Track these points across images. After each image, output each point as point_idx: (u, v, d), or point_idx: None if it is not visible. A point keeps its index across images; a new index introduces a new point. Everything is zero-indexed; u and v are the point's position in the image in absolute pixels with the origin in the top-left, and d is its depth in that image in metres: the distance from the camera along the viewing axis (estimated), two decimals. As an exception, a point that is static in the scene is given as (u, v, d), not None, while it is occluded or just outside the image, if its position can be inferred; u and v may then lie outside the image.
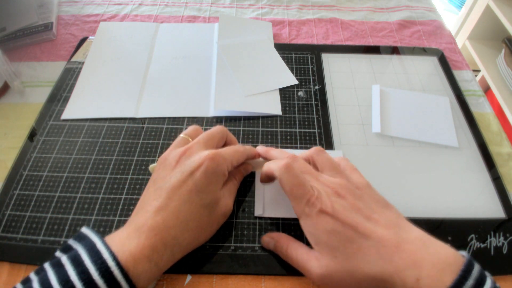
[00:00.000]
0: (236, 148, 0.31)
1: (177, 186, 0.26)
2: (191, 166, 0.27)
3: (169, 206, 0.26)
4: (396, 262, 0.23)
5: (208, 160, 0.27)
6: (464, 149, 0.39)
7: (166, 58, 0.48)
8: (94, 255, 0.22)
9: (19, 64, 0.47)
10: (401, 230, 0.25)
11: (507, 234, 0.32)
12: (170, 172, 0.28)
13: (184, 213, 0.26)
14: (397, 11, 0.58)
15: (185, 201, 0.26)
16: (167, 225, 0.25)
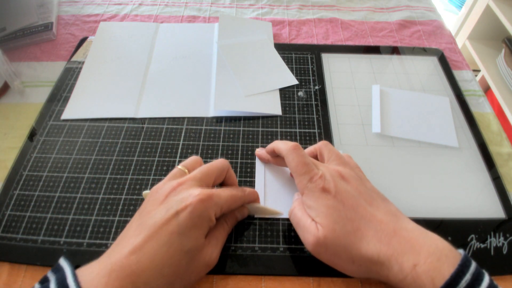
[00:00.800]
0: (233, 193, 0.29)
1: (159, 225, 0.24)
2: (178, 205, 0.25)
3: (146, 247, 0.24)
4: (394, 246, 0.23)
5: (196, 202, 0.25)
6: (464, 149, 0.39)
7: (166, 58, 0.48)
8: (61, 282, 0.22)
9: (19, 64, 0.47)
10: (400, 220, 0.26)
11: (507, 234, 0.32)
12: (157, 207, 0.26)
13: (160, 257, 0.24)
14: (397, 11, 0.58)
15: (164, 243, 0.24)
16: (140, 267, 0.23)
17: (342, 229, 0.25)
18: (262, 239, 0.31)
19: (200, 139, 0.39)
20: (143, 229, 0.24)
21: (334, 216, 0.25)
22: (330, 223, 0.25)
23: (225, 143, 0.38)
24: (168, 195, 0.26)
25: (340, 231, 0.25)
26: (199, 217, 0.25)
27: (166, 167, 0.36)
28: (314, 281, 0.29)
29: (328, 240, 0.25)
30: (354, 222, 0.25)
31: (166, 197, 0.26)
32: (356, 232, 0.25)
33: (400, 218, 0.26)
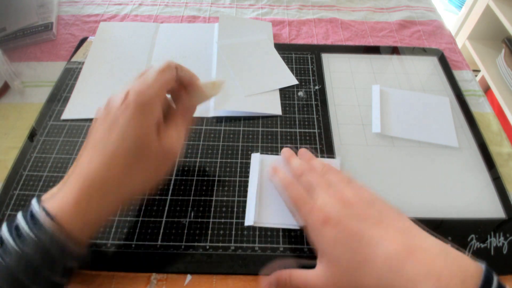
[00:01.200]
0: (149, 78, 0.27)
1: (100, 137, 0.25)
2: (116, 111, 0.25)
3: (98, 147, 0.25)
4: (408, 273, 0.21)
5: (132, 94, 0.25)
6: (464, 149, 0.39)
7: (166, 58, 0.47)
8: (25, 211, 0.23)
9: (19, 64, 0.47)
10: (415, 237, 0.23)
11: (507, 234, 0.32)
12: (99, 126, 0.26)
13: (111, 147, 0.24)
14: (397, 11, 0.58)
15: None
16: (93, 167, 0.24)
17: (346, 265, 0.23)
18: (262, 239, 0.31)
19: (200, 139, 0.39)
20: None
21: (338, 251, 0.23)
22: (335, 260, 0.24)
23: (225, 143, 0.38)
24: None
25: (344, 268, 0.23)
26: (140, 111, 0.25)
27: (166, 167, 0.36)
28: (314, 281, 0.29)
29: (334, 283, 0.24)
30: (359, 253, 0.23)
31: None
32: (363, 265, 0.22)
33: (414, 235, 0.23)
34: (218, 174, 0.36)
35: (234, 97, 0.42)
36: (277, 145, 0.38)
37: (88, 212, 0.24)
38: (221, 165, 0.36)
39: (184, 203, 0.33)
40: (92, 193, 0.24)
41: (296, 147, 0.38)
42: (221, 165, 0.36)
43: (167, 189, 0.34)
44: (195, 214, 0.33)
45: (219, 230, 0.32)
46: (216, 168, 0.36)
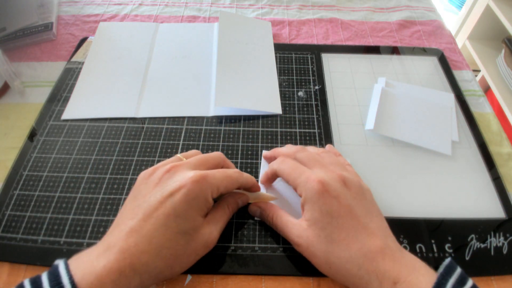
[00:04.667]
0: (228, 174, 0.28)
1: (155, 207, 0.24)
2: (172, 186, 0.25)
3: (143, 229, 0.24)
4: (377, 263, 0.24)
5: (191, 183, 0.25)
6: (464, 149, 0.39)
7: (166, 58, 0.48)
8: (53, 279, 0.21)
9: (19, 64, 0.47)
10: (387, 238, 0.26)
11: (507, 234, 0.32)
12: (151, 190, 0.26)
13: (158, 239, 0.24)
14: (397, 11, 0.58)
15: (161, 225, 0.24)
16: (138, 250, 0.23)
17: (326, 237, 0.25)
18: (262, 239, 0.31)
19: (200, 139, 0.39)
20: (139, 212, 0.25)
21: (324, 222, 0.25)
22: (317, 228, 0.26)
23: (225, 143, 0.38)
24: (162, 178, 0.26)
25: (324, 238, 0.25)
26: (194, 198, 0.25)
27: (166, 167, 0.36)
28: (314, 281, 0.29)
29: (309, 241, 0.26)
30: (343, 231, 0.25)
31: (160, 180, 0.26)
32: (341, 242, 0.25)
33: (388, 236, 0.26)
34: (218, 174, 0.36)
35: (235, 94, 0.42)
36: (277, 145, 0.38)
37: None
38: (221, 165, 0.36)
39: (184, 203, 0.33)
40: (132, 279, 0.23)
41: (296, 147, 0.38)
42: (221, 165, 0.36)
43: (167, 189, 0.34)
44: (195, 214, 0.33)
45: (219, 230, 0.32)
46: (216, 168, 0.36)
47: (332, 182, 0.27)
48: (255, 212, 0.31)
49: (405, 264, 0.24)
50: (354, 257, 0.24)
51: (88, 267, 0.22)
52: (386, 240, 0.25)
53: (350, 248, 0.25)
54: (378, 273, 0.23)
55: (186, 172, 0.26)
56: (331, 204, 0.26)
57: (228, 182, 0.28)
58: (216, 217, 0.28)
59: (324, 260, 0.25)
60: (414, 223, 0.33)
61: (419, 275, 0.23)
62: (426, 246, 0.31)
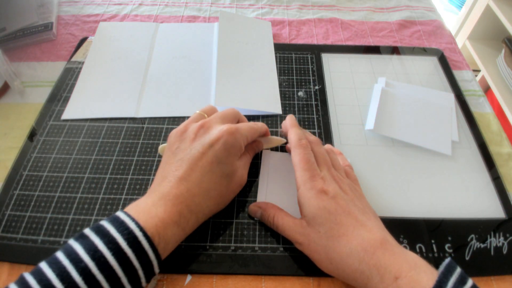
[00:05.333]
0: (251, 125, 0.32)
1: (198, 157, 0.28)
2: (210, 138, 0.29)
3: (192, 176, 0.27)
4: (377, 257, 0.24)
5: (227, 134, 0.29)
6: (464, 149, 0.39)
7: (166, 58, 0.48)
8: (119, 226, 0.23)
9: (19, 64, 0.47)
10: (387, 235, 0.26)
11: (507, 234, 0.32)
12: (190, 144, 0.29)
13: (206, 183, 0.27)
14: (397, 11, 0.58)
15: (207, 172, 0.28)
16: (191, 194, 0.26)
17: (326, 232, 0.26)
18: (262, 239, 0.31)
19: (200, 139, 0.39)
20: (183, 163, 0.28)
21: (323, 218, 0.26)
22: (316, 224, 0.26)
23: (225, 143, 0.38)
24: (198, 133, 0.30)
25: (324, 233, 0.26)
26: (232, 146, 0.29)
27: (166, 167, 0.36)
28: (314, 281, 0.29)
29: (309, 238, 0.26)
30: (342, 227, 0.25)
31: (196, 134, 0.30)
32: (341, 237, 0.25)
33: (387, 234, 0.26)
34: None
35: (235, 94, 0.42)
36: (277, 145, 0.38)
37: (182, 234, 0.26)
38: (221, 165, 0.36)
39: (184, 203, 0.33)
40: (190, 218, 0.26)
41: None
42: (221, 165, 0.36)
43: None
44: (195, 214, 0.33)
45: (219, 230, 0.32)
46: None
47: (331, 184, 0.28)
48: (255, 213, 0.32)
49: (406, 259, 0.24)
50: (354, 251, 0.24)
51: (148, 212, 0.24)
52: (385, 235, 0.26)
53: (350, 242, 0.25)
54: (379, 268, 0.23)
55: (219, 126, 0.30)
56: (328, 202, 0.26)
57: (253, 132, 0.32)
58: (244, 161, 0.32)
59: (325, 256, 0.26)
60: (414, 223, 0.33)
61: (420, 271, 0.23)
62: (426, 246, 0.31)
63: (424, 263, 0.24)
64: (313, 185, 0.27)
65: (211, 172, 0.28)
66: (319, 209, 0.26)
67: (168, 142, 0.31)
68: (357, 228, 0.25)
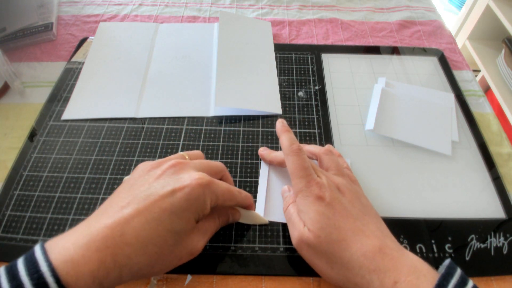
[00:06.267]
0: (231, 188, 0.28)
1: (153, 200, 0.23)
2: (175, 183, 0.25)
3: (134, 220, 0.22)
4: (377, 262, 0.24)
5: (196, 184, 0.25)
6: (464, 149, 0.39)
7: (166, 58, 0.48)
8: (31, 267, 0.20)
9: (19, 64, 0.47)
10: (387, 237, 0.26)
11: (507, 234, 0.32)
12: (152, 181, 0.25)
13: (147, 232, 0.22)
14: (397, 11, 0.58)
15: (154, 219, 0.23)
16: (123, 241, 0.22)
17: (327, 237, 0.25)
18: (262, 239, 0.31)
19: (200, 139, 0.39)
20: (134, 201, 0.23)
21: (322, 223, 0.26)
22: (316, 229, 0.26)
23: (225, 143, 0.38)
24: (166, 172, 0.26)
25: (325, 238, 0.25)
26: (195, 200, 0.24)
27: (166, 167, 0.36)
28: (314, 281, 0.29)
29: (310, 242, 0.26)
30: (341, 232, 0.25)
31: (164, 173, 0.26)
32: (341, 242, 0.25)
33: (387, 237, 0.26)
34: (218, 174, 0.36)
35: (235, 94, 0.42)
36: (277, 145, 0.38)
37: (99, 285, 0.21)
38: (221, 165, 0.36)
39: (184, 203, 0.33)
40: (112, 271, 0.21)
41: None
42: (221, 165, 0.36)
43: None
44: (195, 214, 0.33)
45: (219, 230, 0.32)
46: (216, 168, 0.36)
47: (328, 188, 0.27)
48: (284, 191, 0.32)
49: (405, 263, 0.24)
50: (354, 256, 0.24)
51: (64, 252, 0.21)
52: (384, 239, 0.25)
53: (350, 247, 0.25)
54: (378, 273, 0.23)
55: (193, 172, 0.26)
56: (326, 208, 0.26)
57: (228, 195, 0.27)
58: (206, 226, 0.27)
59: (326, 261, 0.26)
60: (414, 223, 0.33)
61: (420, 275, 0.23)
62: (426, 246, 0.31)
63: (425, 266, 0.24)
64: (309, 193, 0.27)
65: (158, 221, 0.23)
66: (318, 214, 0.26)
67: (133, 172, 0.27)
68: (356, 232, 0.25)
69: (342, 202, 0.27)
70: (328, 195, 0.27)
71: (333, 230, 0.25)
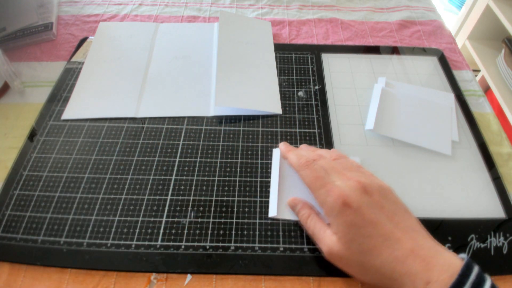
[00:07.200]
0: None
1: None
2: None
3: None
4: (409, 265, 0.24)
5: None
6: (464, 149, 0.39)
7: (166, 58, 0.48)
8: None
9: (19, 64, 0.47)
10: (419, 236, 0.26)
11: (507, 234, 0.32)
12: None
13: None
14: (397, 11, 0.58)
15: None
16: None
17: (358, 248, 0.25)
18: (262, 239, 0.31)
19: (200, 139, 0.39)
20: None
21: (352, 234, 0.26)
22: (347, 241, 0.26)
23: (225, 143, 0.38)
24: None
25: (356, 249, 0.25)
26: None
27: (166, 167, 0.36)
28: (314, 281, 0.29)
29: (342, 254, 0.26)
30: (372, 239, 0.25)
31: None
32: (372, 250, 0.25)
33: (419, 234, 0.26)
34: (218, 174, 0.36)
35: (235, 94, 0.42)
36: (277, 145, 0.38)
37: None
38: (221, 165, 0.36)
39: (184, 203, 0.33)
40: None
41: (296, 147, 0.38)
42: (221, 165, 0.36)
43: (167, 189, 0.34)
44: (195, 214, 0.33)
45: (219, 230, 0.32)
46: (216, 168, 0.36)
47: (352, 193, 0.27)
48: (295, 206, 0.32)
49: (438, 262, 0.23)
50: (386, 262, 0.24)
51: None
52: (416, 239, 0.25)
53: (381, 254, 0.25)
54: (409, 275, 0.23)
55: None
56: (354, 216, 0.26)
57: None
58: None
59: (359, 269, 0.26)
60: (414, 223, 0.33)
61: (453, 273, 0.22)
62: (426, 246, 0.31)
63: (460, 263, 0.23)
64: (333, 201, 0.27)
65: None
66: (346, 226, 0.26)
67: None
68: (386, 237, 0.25)
69: (370, 206, 0.26)
70: (354, 199, 0.26)
71: (364, 240, 0.25)
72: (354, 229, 0.26)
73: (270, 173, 0.36)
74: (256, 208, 0.33)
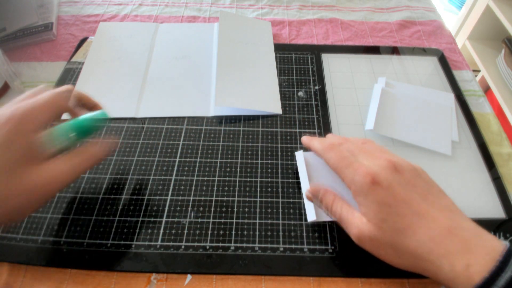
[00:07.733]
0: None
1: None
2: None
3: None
4: (447, 246, 0.22)
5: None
6: (464, 149, 0.39)
7: (166, 58, 0.48)
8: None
9: (19, 64, 0.47)
10: (456, 216, 0.24)
11: (507, 234, 0.32)
12: None
13: None
14: (397, 11, 0.58)
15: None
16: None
17: (390, 227, 0.24)
18: (262, 239, 0.31)
19: (200, 139, 0.39)
20: None
21: (384, 213, 0.24)
22: (378, 221, 0.24)
23: (225, 143, 0.38)
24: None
25: (388, 229, 0.24)
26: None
27: (166, 167, 0.36)
28: (314, 281, 0.29)
29: (373, 235, 0.24)
30: (405, 218, 0.23)
31: None
32: (407, 230, 0.23)
33: (456, 214, 0.24)
34: (218, 174, 0.36)
35: (235, 94, 0.42)
36: (277, 145, 0.38)
37: None
38: (221, 165, 0.36)
39: (184, 203, 0.33)
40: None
41: (296, 147, 0.38)
42: (221, 165, 0.36)
43: (167, 189, 0.34)
44: (195, 214, 0.33)
45: (219, 230, 0.32)
46: (216, 168, 0.36)
47: (381, 170, 0.25)
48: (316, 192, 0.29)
49: (479, 244, 0.22)
50: (421, 242, 0.23)
51: None
52: (454, 218, 0.23)
53: (416, 234, 0.23)
54: (448, 257, 0.22)
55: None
56: (385, 195, 0.24)
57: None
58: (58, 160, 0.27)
59: (392, 252, 0.24)
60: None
61: (496, 256, 0.21)
62: (426, 246, 0.31)
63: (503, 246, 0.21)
64: (362, 179, 0.25)
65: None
66: (377, 205, 0.24)
67: None
68: (421, 216, 0.23)
69: (401, 183, 0.25)
70: (383, 177, 0.25)
71: (397, 218, 0.24)
72: (386, 208, 0.24)
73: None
74: (256, 208, 0.33)
